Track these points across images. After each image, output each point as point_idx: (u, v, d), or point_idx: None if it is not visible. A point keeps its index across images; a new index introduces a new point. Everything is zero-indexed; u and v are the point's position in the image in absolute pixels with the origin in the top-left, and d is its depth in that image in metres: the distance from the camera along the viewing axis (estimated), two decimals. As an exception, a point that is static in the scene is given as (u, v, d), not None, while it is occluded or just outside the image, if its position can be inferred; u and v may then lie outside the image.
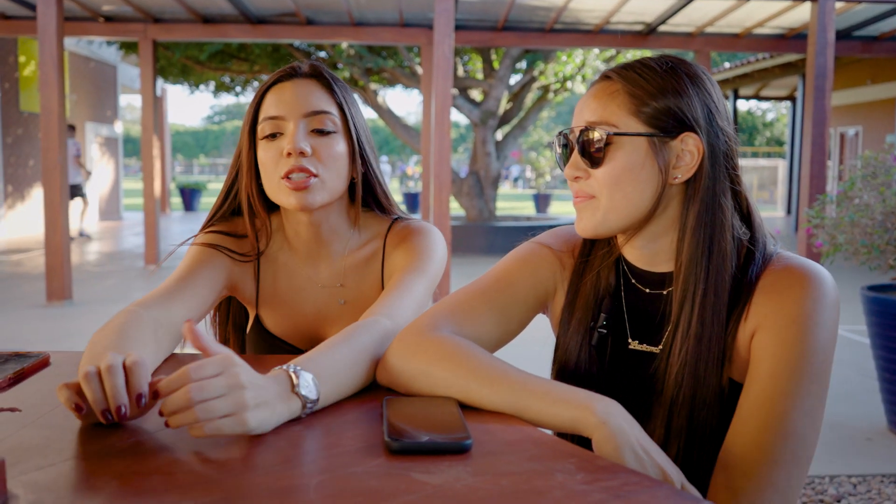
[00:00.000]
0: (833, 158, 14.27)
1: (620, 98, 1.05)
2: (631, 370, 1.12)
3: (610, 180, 1.05)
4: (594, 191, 1.06)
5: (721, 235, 1.04)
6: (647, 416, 1.08)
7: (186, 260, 1.35)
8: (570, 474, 0.76)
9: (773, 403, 0.97)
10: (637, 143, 1.04)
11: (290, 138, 1.28)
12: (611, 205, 1.05)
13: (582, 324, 1.15)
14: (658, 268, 1.11)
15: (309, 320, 1.40)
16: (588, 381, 1.14)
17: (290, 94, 1.31)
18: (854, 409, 3.87)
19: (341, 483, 0.74)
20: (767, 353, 0.99)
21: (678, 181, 1.05)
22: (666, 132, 1.03)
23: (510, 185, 36.47)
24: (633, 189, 1.04)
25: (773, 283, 1.02)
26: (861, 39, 9.34)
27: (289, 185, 1.28)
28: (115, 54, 16.64)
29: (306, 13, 8.68)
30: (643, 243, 1.10)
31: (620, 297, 1.15)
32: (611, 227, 1.07)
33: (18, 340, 5.40)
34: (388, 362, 1.04)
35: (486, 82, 11.75)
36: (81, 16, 8.79)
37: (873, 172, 3.54)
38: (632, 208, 1.05)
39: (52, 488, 0.73)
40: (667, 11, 8.22)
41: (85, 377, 0.86)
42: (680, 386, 1.04)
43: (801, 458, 0.98)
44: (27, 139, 13.09)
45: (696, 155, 1.04)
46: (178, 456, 0.81)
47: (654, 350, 1.11)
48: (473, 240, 10.60)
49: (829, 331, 0.99)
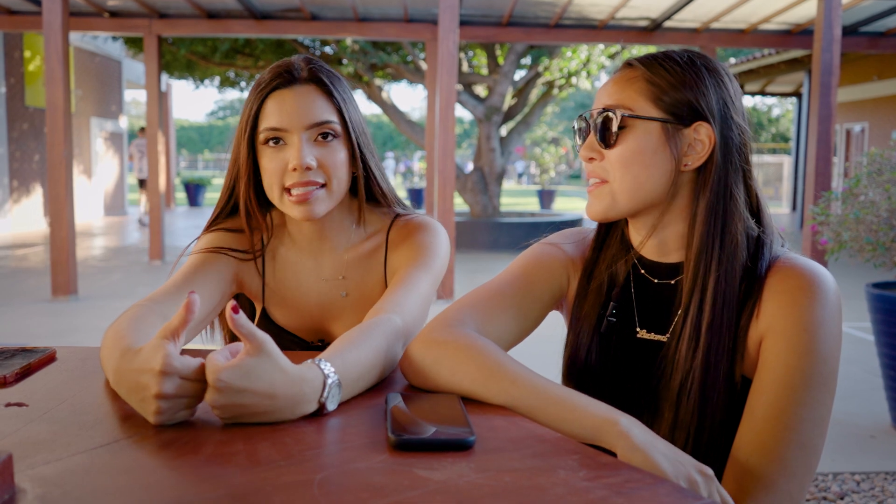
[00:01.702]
0: (839, 155, 14.22)
1: (639, 84, 1.08)
2: (639, 359, 1.14)
3: (622, 162, 1.07)
4: (606, 173, 1.09)
5: (732, 225, 1.06)
6: (656, 406, 1.09)
7: (192, 258, 1.36)
8: (573, 471, 0.77)
9: (786, 413, 0.98)
10: (650, 128, 1.06)
11: (296, 154, 1.27)
12: (622, 186, 1.08)
13: (592, 313, 1.17)
14: (667, 258, 1.13)
15: (313, 313, 1.42)
16: (596, 370, 1.16)
17: (291, 105, 1.29)
18: (858, 406, 3.86)
19: (345, 478, 0.74)
20: (779, 360, 1.00)
21: (688, 168, 1.08)
22: (680, 120, 1.06)
23: (515, 181, 36.44)
24: (643, 172, 1.07)
25: (781, 285, 1.03)
26: (867, 35, 9.31)
27: (292, 199, 1.29)
28: (121, 50, 16.67)
29: (311, 8, 8.67)
30: (653, 233, 1.12)
31: (630, 287, 1.17)
32: (620, 209, 1.10)
33: (24, 335, 5.42)
34: (414, 356, 1.05)
35: (491, 78, 11.74)
36: (87, 11, 8.80)
37: (879, 169, 3.53)
38: (642, 191, 1.07)
39: (59, 483, 0.73)
40: (672, 7, 8.20)
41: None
42: (688, 374, 1.05)
43: (812, 466, 1.00)
44: (33, 134, 13.12)
45: (708, 144, 1.06)
46: (182, 451, 0.81)
47: (661, 339, 1.12)
48: (477, 236, 10.60)
49: (836, 337, 1.01)
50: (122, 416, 0.93)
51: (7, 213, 12.43)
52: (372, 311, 1.20)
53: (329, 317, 1.42)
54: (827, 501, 2.79)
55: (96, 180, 15.80)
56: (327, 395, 0.93)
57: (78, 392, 1.03)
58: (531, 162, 28.11)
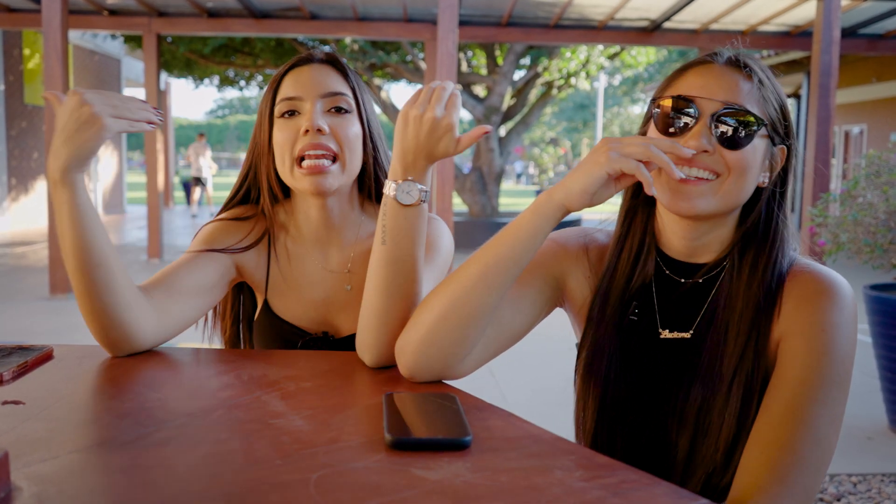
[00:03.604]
0: (837, 156, 14.23)
1: (763, 94, 1.09)
2: (662, 359, 1.14)
3: (742, 165, 1.06)
4: (721, 169, 1.06)
5: (781, 236, 1.11)
6: (681, 408, 1.09)
7: (193, 244, 1.39)
8: (569, 471, 0.77)
9: (803, 410, 1.00)
10: (765, 141, 1.09)
11: (308, 116, 1.32)
12: (732, 188, 1.07)
13: (613, 314, 1.17)
14: (697, 258, 1.15)
15: (317, 305, 1.43)
16: (618, 370, 1.15)
17: (307, 77, 1.36)
18: (855, 407, 3.87)
19: (341, 478, 0.74)
20: (798, 360, 1.03)
21: (765, 185, 1.12)
22: (778, 141, 1.11)
23: (513, 182, 36.44)
24: (750, 181, 1.09)
25: (800, 290, 1.07)
26: (866, 37, 9.31)
27: (304, 171, 1.31)
28: (120, 48, 16.64)
29: (310, 8, 8.67)
30: (698, 235, 1.13)
31: (652, 287, 1.17)
32: (721, 209, 1.09)
33: (22, 333, 5.42)
34: (401, 339, 1.11)
35: (490, 78, 11.74)
36: (86, 9, 8.79)
37: (877, 171, 3.53)
38: (741, 198, 1.09)
39: (55, 481, 0.73)
40: (672, 8, 8.20)
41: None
42: (705, 373, 1.08)
43: (826, 461, 1.02)
44: (31, 132, 13.11)
45: (779, 164, 1.12)
46: (179, 450, 0.81)
47: (685, 336, 1.13)
48: (476, 236, 10.60)
49: (852, 340, 1.05)
50: (118, 415, 0.93)
51: (6, 211, 12.42)
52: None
53: (332, 309, 1.43)
54: (823, 503, 2.79)
55: (95, 178, 15.79)
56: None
57: (74, 390, 1.03)
58: (530, 162, 28.12)
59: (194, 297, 1.31)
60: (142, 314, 1.20)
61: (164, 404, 0.97)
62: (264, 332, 1.45)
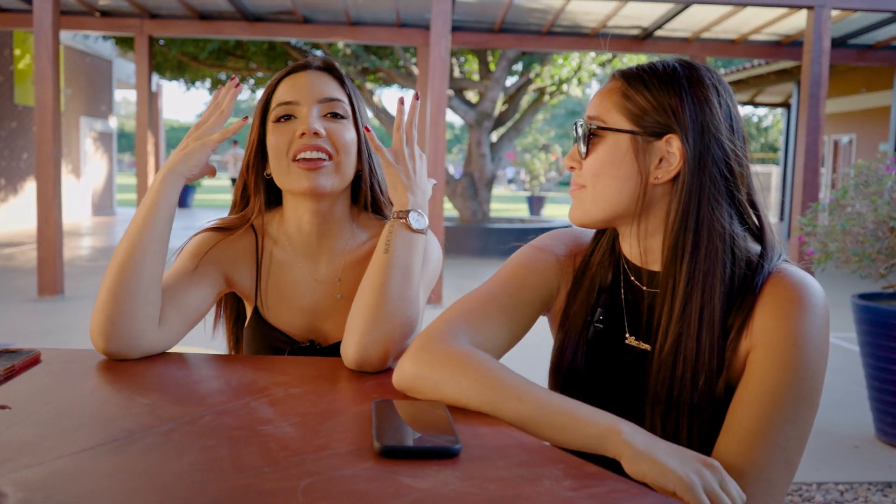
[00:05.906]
0: (826, 166, 14.32)
1: (615, 96, 1.09)
2: (627, 366, 1.13)
3: (592, 171, 1.10)
4: (583, 180, 1.12)
5: (708, 241, 1.04)
6: (640, 416, 1.08)
7: (186, 253, 1.38)
8: (558, 480, 0.77)
9: (775, 430, 0.98)
10: (619, 139, 1.08)
11: (305, 119, 1.34)
12: (593, 195, 1.10)
13: (579, 319, 1.17)
14: (652, 266, 1.13)
15: (306, 313, 1.42)
16: (584, 376, 1.15)
17: (304, 82, 1.37)
18: (842, 416, 3.89)
19: (329, 486, 0.74)
20: (768, 374, 1.00)
21: (659, 181, 1.07)
22: (650, 132, 1.06)
23: (505, 187, 36.48)
24: (611, 183, 1.08)
25: (771, 298, 1.03)
26: (856, 48, 9.39)
27: (300, 166, 1.32)
28: (111, 49, 16.59)
29: (303, 11, 8.67)
30: (636, 241, 1.12)
31: (619, 293, 1.17)
32: (594, 217, 1.12)
33: (9, 334, 5.38)
34: (409, 369, 1.04)
35: (482, 84, 11.75)
36: (77, 10, 8.76)
37: (866, 181, 3.56)
38: (612, 201, 1.09)
39: (41, 487, 0.73)
40: (663, 16, 8.24)
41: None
42: (672, 386, 1.05)
43: (790, 482, 1.01)
44: (21, 132, 13.04)
45: (679, 157, 1.05)
46: (166, 456, 0.81)
47: (646, 348, 1.12)
48: (467, 241, 10.60)
49: (823, 353, 1.02)
50: (105, 420, 0.92)
51: (-6, 212, 12.35)
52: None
53: (321, 317, 1.42)
54: (811, 511, 2.80)
55: (85, 180, 15.71)
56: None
57: (62, 395, 1.02)
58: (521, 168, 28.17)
59: (192, 311, 1.33)
60: (151, 325, 1.23)
61: (151, 410, 0.96)
62: (253, 340, 1.44)
